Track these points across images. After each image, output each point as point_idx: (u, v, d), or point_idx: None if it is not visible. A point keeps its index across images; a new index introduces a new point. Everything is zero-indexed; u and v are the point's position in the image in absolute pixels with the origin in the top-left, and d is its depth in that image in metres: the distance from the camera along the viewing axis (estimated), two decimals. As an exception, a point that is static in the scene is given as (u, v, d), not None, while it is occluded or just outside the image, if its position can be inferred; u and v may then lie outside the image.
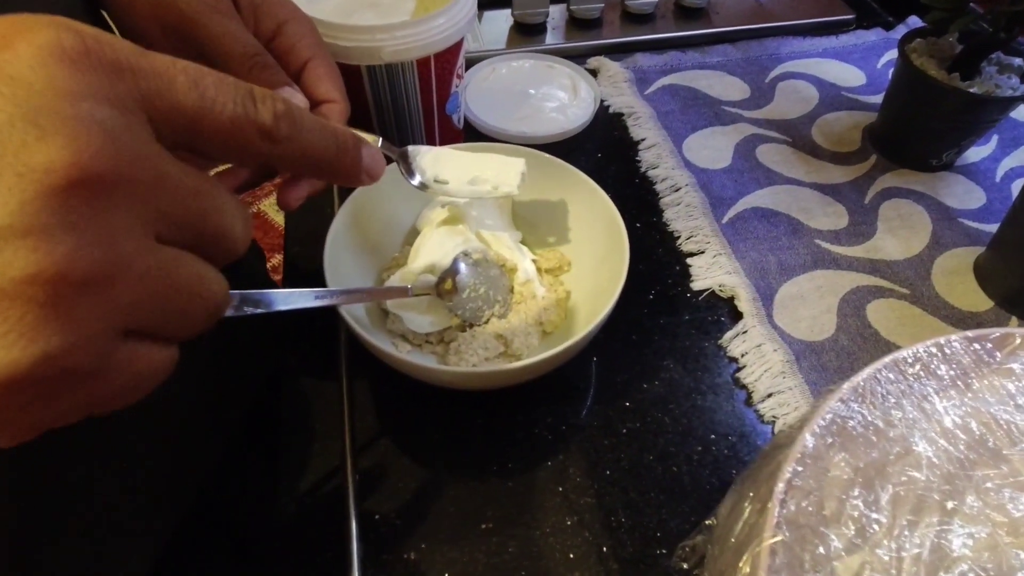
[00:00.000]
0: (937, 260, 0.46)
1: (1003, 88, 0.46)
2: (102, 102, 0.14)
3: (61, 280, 0.13)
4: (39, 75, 0.13)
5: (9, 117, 0.13)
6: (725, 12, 0.68)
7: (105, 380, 0.15)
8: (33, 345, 0.13)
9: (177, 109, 0.15)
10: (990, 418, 0.23)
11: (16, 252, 0.12)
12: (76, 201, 0.13)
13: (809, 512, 0.21)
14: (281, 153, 0.18)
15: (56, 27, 0.14)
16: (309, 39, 0.34)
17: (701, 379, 0.40)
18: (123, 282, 0.14)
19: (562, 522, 0.33)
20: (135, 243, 0.14)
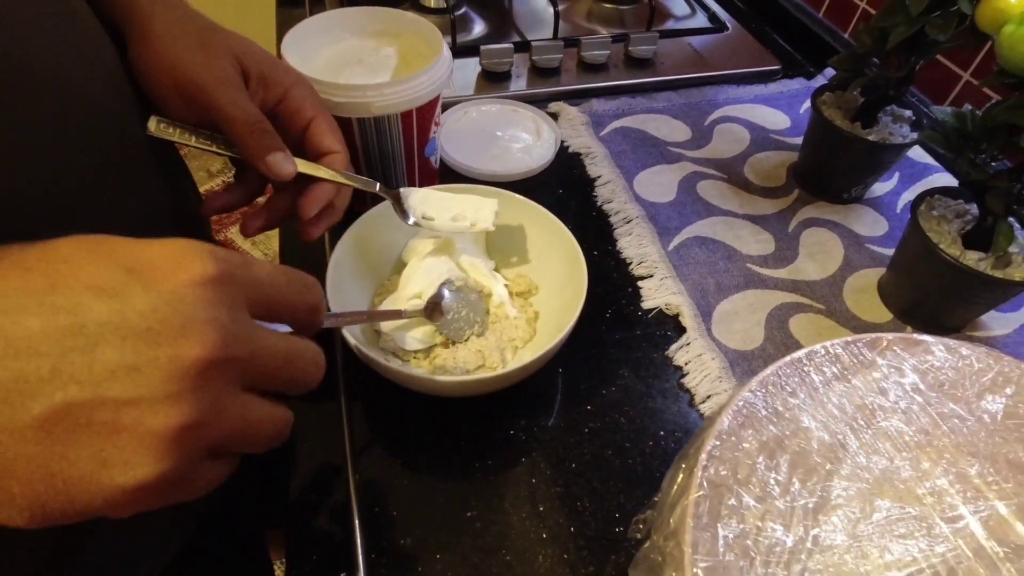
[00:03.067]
0: (848, 280, 0.54)
1: (895, 136, 0.55)
2: (224, 306, 0.21)
3: (181, 429, 0.19)
4: (192, 295, 0.20)
5: (174, 322, 0.20)
6: (669, 62, 0.76)
7: (191, 485, 0.21)
8: (156, 465, 0.19)
9: (264, 301, 0.23)
10: (861, 401, 0.30)
11: (157, 410, 0.19)
12: (198, 378, 0.20)
13: (725, 475, 0.27)
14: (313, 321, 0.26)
15: (203, 259, 0.21)
16: (311, 100, 0.40)
17: (652, 385, 0.46)
18: (217, 426, 0.21)
19: (535, 508, 0.39)
20: (229, 398, 0.21)
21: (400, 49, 0.53)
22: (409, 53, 0.53)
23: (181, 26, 0.36)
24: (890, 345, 0.32)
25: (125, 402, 0.19)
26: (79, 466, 0.18)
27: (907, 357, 0.32)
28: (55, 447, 0.18)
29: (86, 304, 0.19)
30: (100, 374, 0.18)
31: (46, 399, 0.18)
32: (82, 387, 0.18)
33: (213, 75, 0.35)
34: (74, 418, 0.18)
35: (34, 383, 0.18)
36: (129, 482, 0.19)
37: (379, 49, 0.53)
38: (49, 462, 0.18)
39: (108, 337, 0.19)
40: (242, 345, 0.21)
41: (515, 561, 0.37)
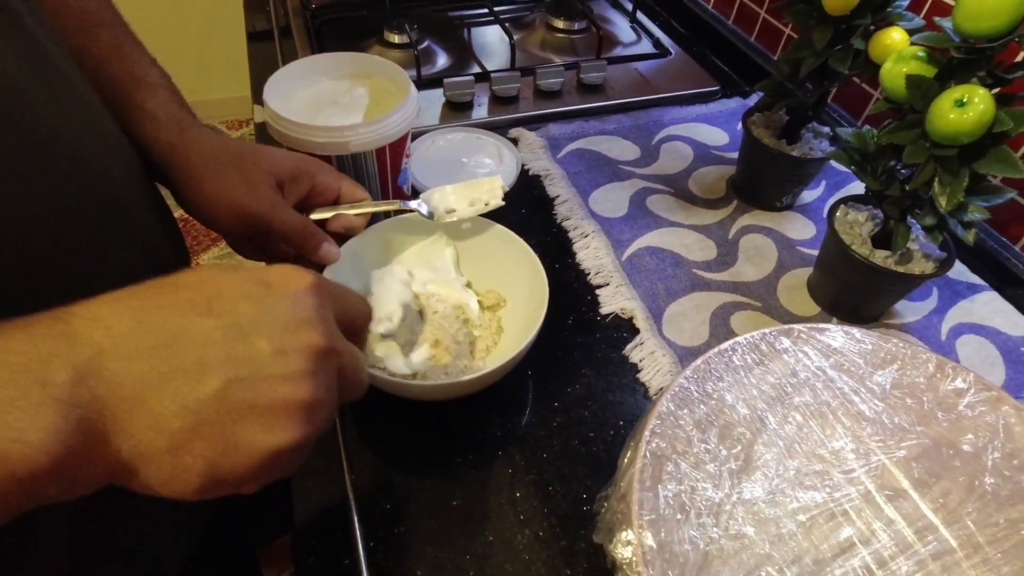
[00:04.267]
0: (781, 279, 0.61)
1: (816, 151, 0.62)
2: (326, 308, 0.27)
3: (313, 400, 0.25)
4: (309, 300, 0.26)
5: (302, 316, 0.26)
6: (618, 87, 0.83)
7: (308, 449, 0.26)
8: (298, 430, 0.25)
9: (342, 307, 0.29)
10: (776, 381, 0.36)
11: (300, 386, 0.25)
12: (321, 359, 0.26)
13: (664, 447, 0.33)
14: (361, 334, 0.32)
15: (309, 274, 0.27)
16: (332, 176, 0.48)
17: (611, 381, 0.52)
18: (329, 403, 0.27)
19: (513, 495, 0.45)
20: (336, 372, 0.27)
21: (371, 89, 0.59)
22: (380, 92, 0.59)
23: (218, 162, 0.43)
24: (799, 334, 0.38)
25: (279, 379, 0.24)
26: (247, 431, 0.23)
27: (813, 343, 0.38)
28: (229, 415, 0.23)
29: (240, 309, 0.25)
30: (258, 358, 0.24)
31: (221, 377, 0.23)
32: (247, 367, 0.24)
33: (263, 204, 0.43)
34: (243, 391, 0.23)
35: (211, 365, 0.23)
36: (282, 443, 0.24)
37: (352, 90, 0.59)
38: (224, 428, 0.23)
39: (260, 331, 0.24)
40: (340, 340, 0.27)
41: (497, 541, 0.42)
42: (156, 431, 0.22)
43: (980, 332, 0.56)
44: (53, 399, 0.20)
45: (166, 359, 0.23)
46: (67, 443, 0.20)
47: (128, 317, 0.23)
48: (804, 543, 0.31)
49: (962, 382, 0.37)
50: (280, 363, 0.24)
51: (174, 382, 0.22)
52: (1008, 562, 0.31)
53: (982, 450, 0.35)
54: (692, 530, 0.30)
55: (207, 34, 1.97)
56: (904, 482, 0.33)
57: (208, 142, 0.44)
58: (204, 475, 0.23)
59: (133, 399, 0.22)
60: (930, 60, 0.43)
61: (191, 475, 0.23)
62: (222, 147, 0.44)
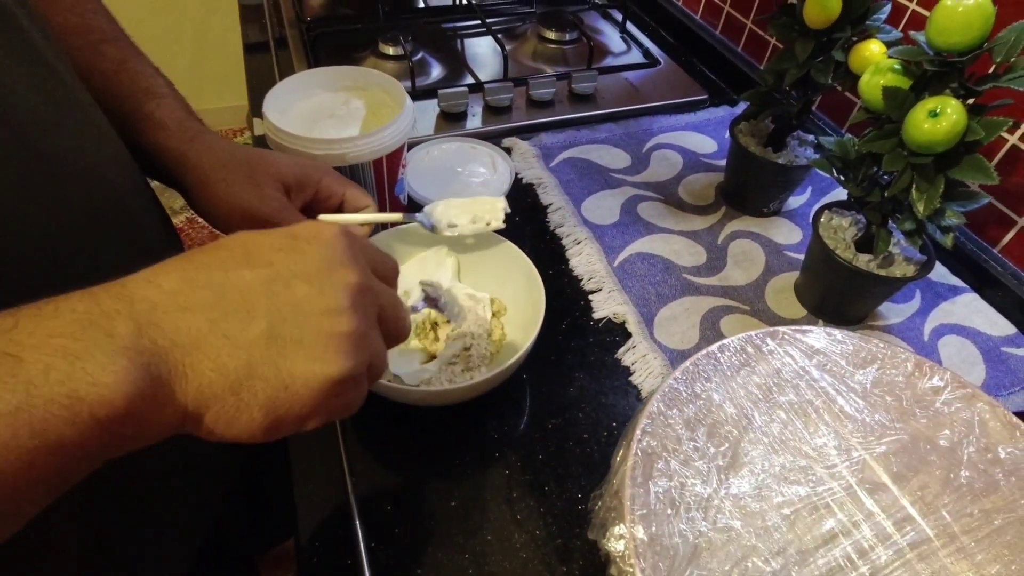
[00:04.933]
0: (769, 283, 0.62)
1: (801, 158, 0.64)
2: (358, 252, 0.29)
3: (357, 331, 0.27)
4: (340, 244, 0.28)
5: (334, 258, 0.27)
6: (608, 96, 0.85)
7: (357, 391, 0.28)
8: (348, 359, 0.26)
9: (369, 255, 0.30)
10: (761, 381, 0.38)
11: (342, 319, 0.26)
12: (359, 295, 0.27)
13: (655, 446, 0.34)
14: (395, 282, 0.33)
15: (337, 226, 0.29)
16: (337, 182, 0.49)
17: (604, 384, 0.53)
18: (374, 337, 0.29)
19: (510, 495, 0.46)
20: (374, 318, 0.29)
21: (367, 102, 0.60)
22: (376, 104, 0.60)
23: (228, 167, 0.44)
24: (784, 336, 0.40)
25: (320, 313, 0.26)
26: (299, 364, 0.25)
27: (797, 345, 0.40)
28: (281, 351, 0.25)
29: (276, 259, 0.26)
30: (298, 298, 0.26)
31: (266, 318, 0.25)
32: (289, 307, 0.26)
33: (271, 207, 0.44)
34: (288, 329, 0.25)
35: (256, 309, 0.25)
36: (334, 373, 0.26)
37: (348, 102, 0.60)
38: (277, 364, 0.25)
39: (298, 275, 0.26)
40: (375, 280, 0.29)
41: (495, 540, 0.43)
42: (215, 372, 0.24)
43: (961, 332, 0.58)
44: (121, 348, 0.22)
45: (214, 307, 0.24)
46: (138, 385, 0.22)
47: (176, 276, 0.25)
48: (789, 535, 0.32)
49: (939, 380, 0.39)
50: (319, 300, 0.26)
51: (224, 326, 0.24)
52: (982, 550, 0.32)
53: (958, 445, 0.36)
54: (682, 524, 0.32)
55: (201, 44, 1.99)
56: (884, 476, 0.35)
57: (218, 148, 0.46)
58: (265, 410, 0.25)
59: (190, 345, 0.24)
60: (906, 72, 0.45)
61: (254, 411, 0.25)
62: (231, 153, 0.46)
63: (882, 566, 0.32)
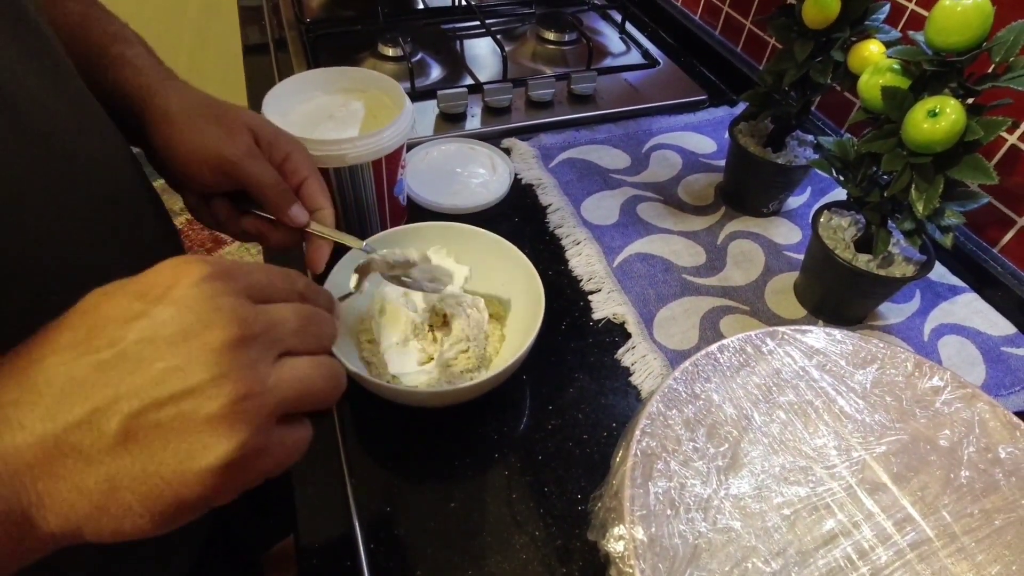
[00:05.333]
0: (768, 283, 0.62)
1: (800, 158, 0.64)
2: (228, 295, 0.24)
3: (235, 402, 0.23)
4: (199, 292, 0.23)
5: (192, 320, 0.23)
6: (608, 97, 0.85)
7: (271, 454, 0.24)
8: (231, 440, 0.22)
9: (259, 288, 0.26)
10: (761, 381, 0.38)
11: (210, 395, 0.22)
12: (232, 356, 0.23)
13: (655, 446, 0.34)
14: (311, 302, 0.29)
15: (197, 264, 0.24)
16: (307, 162, 0.46)
17: (604, 384, 0.53)
18: (268, 392, 0.24)
19: (509, 496, 0.46)
20: (267, 366, 0.24)
21: (367, 103, 0.60)
22: (375, 106, 0.60)
23: (196, 108, 0.42)
24: (783, 336, 0.40)
25: (180, 396, 0.22)
26: (168, 462, 0.22)
27: (797, 345, 0.40)
28: (142, 452, 0.22)
29: (119, 335, 0.22)
30: (151, 383, 0.22)
31: (116, 416, 0.21)
32: (141, 397, 0.22)
33: (239, 149, 0.41)
34: (144, 423, 0.22)
35: (104, 410, 0.22)
36: (215, 462, 0.22)
37: (348, 104, 0.60)
38: (144, 466, 0.22)
39: (146, 352, 0.22)
40: (257, 320, 0.24)
41: (494, 541, 0.43)
42: (74, 492, 0.21)
43: (961, 332, 0.58)
44: None
45: (57, 413, 0.21)
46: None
47: (14, 382, 0.22)
48: (789, 536, 0.32)
49: (939, 380, 0.39)
50: (178, 378, 0.22)
51: (72, 438, 0.21)
52: (982, 551, 0.32)
53: (958, 445, 0.36)
54: (682, 524, 0.32)
55: (200, 45, 1.99)
56: (884, 476, 0.35)
57: (188, 91, 0.43)
58: (150, 513, 0.22)
59: (38, 469, 0.21)
60: (905, 72, 0.45)
61: (136, 517, 0.22)
62: (202, 97, 0.43)
63: (882, 567, 0.32)
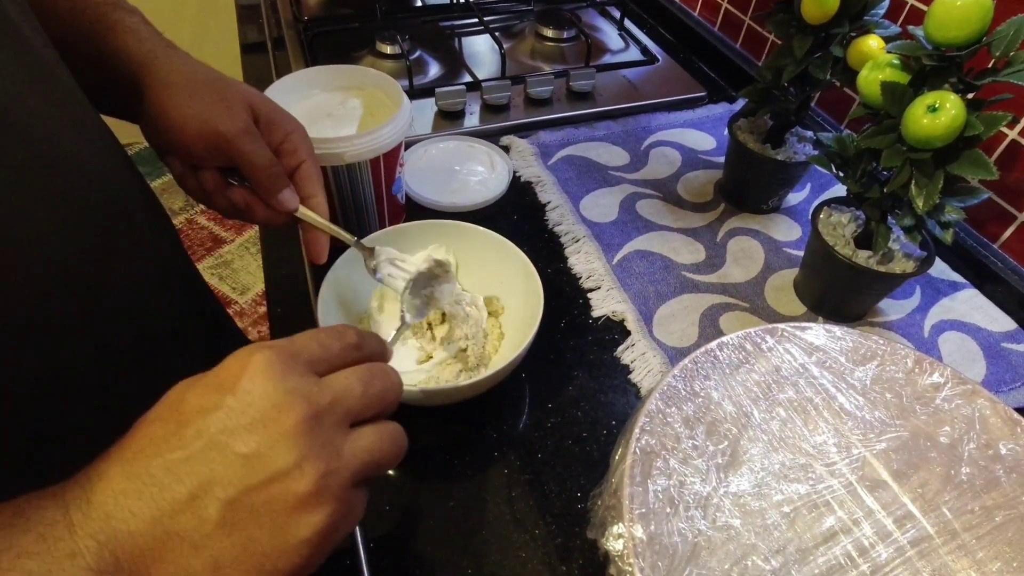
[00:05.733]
0: (768, 280, 0.62)
1: (799, 154, 0.64)
2: (293, 376, 0.26)
3: (318, 480, 0.25)
4: (268, 382, 0.25)
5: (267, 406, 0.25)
6: (607, 94, 0.85)
7: (352, 517, 0.27)
8: (319, 514, 0.25)
9: (319, 360, 0.28)
10: (760, 378, 0.37)
11: (294, 477, 0.24)
12: (307, 437, 0.25)
13: (654, 444, 0.34)
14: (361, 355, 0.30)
15: (262, 353, 0.26)
16: (305, 145, 0.45)
17: (603, 382, 0.53)
18: (344, 465, 0.26)
19: (509, 494, 0.46)
20: (341, 438, 0.26)
21: (365, 101, 0.60)
22: (373, 104, 0.60)
23: (198, 79, 0.41)
24: (783, 333, 0.40)
25: (267, 482, 0.24)
26: (265, 540, 0.24)
27: (797, 342, 0.39)
28: (241, 534, 0.24)
29: (204, 426, 0.24)
30: (239, 469, 0.24)
31: (214, 504, 0.24)
32: (233, 484, 0.24)
33: (236, 126, 0.41)
34: (240, 507, 0.24)
35: (203, 495, 0.24)
36: (306, 535, 0.24)
37: (346, 102, 0.60)
38: (244, 546, 0.24)
39: (229, 440, 0.24)
40: (322, 396, 0.26)
41: (493, 539, 0.43)
42: (185, 573, 0.23)
43: (961, 328, 0.58)
44: (84, 568, 0.22)
45: (161, 502, 0.23)
46: None
47: (120, 472, 0.24)
48: (788, 533, 0.32)
49: (939, 377, 0.39)
50: (263, 465, 0.24)
51: (177, 525, 0.23)
52: (983, 547, 0.32)
53: (958, 441, 0.36)
54: (681, 522, 0.32)
55: (198, 43, 1.98)
56: (884, 473, 0.34)
57: (190, 61, 0.43)
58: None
59: (149, 553, 0.23)
60: (904, 67, 0.45)
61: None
62: (205, 69, 0.43)
63: (883, 564, 0.31)
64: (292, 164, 0.45)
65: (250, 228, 1.92)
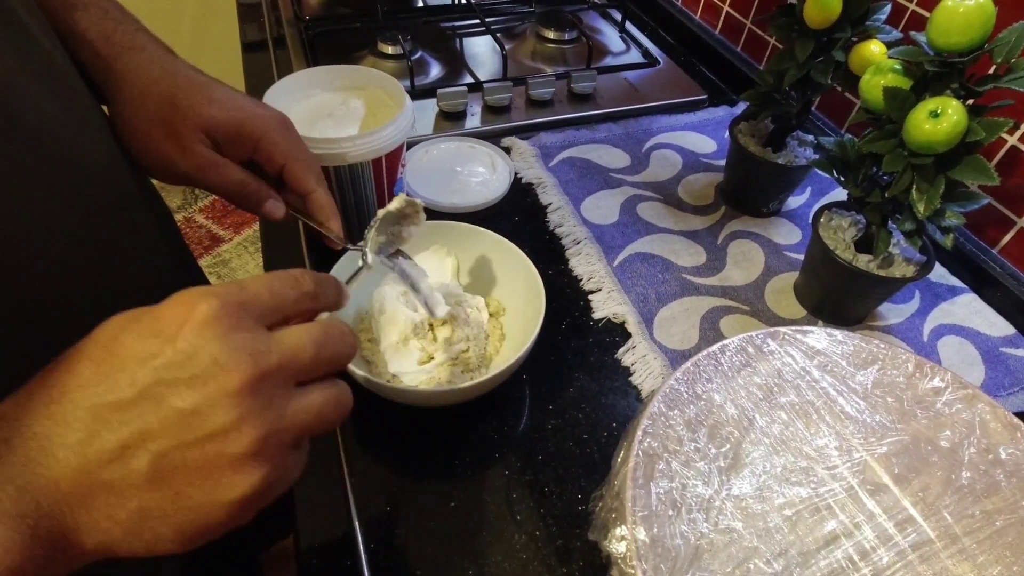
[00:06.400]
0: (768, 283, 0.62)
1: (800, 158, 0.64)
2: (238, 331, 0.24)
3: (256, 442, 0.23)
4: (210, 333, 0.23)
5: (208, 361, 0.23)
6: (608, 96, 0.85)
7: (287, 478, 0.26)
8: (253, 475, 0.24)
9: (271, 309, 0.26)
10: (762, 381, 0.37)
11: (232, 437, 0.23)
12: (249, 397, 0.23)
13: (656, 446, 0.34)
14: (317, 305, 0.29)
15: (205, 299, 0.24)
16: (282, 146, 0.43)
17: (604, 384, 0.53)
18: (285, 428, 0.25)
19: (509, 496, 0.46)
20: (284, 399, 0.25)
21: (367, 101, 0.60)
22: (375, 104, 0.60)
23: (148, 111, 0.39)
24: (785, 336, 0.40)
25: (203, 439, 0.23)
26: (195, 496, 0.23)
27: (798, 345, 0.39)
28: (170, 489, 0.23)
29: (139, 375, 0.23)
30: (174, 424, 0.23)
31: (145, 456, 0.22)
32: (167, 438, 0.23)
33: (193, 162, 0.40)
34: (171, 462, 0.23)
35: (132, 448, 0.22)
36: (239, 495, 0.23)
37: (347, 102, 0.60)
38: (172, 501, 0.23)
39: (166, 393, 0.23)
40: (270, 355, 0.24)
41: (494, 541, 0.43)
42: (108, 521, 0.23)
43: (960, 333, 0.58)
44: (3, 515, 0.21)
45: (89, 453, 0.22)
46: (23, 552, 0.21)
47: (43, 414, 0.23)
48: (790, 536, 0.32)
49: (940, 381, 0.39)
50: (199, 421, 0.23)
51: (105, 475, 0.22)
52: (983, 552, 0.32)
53: (959, 446, 0.36)
54: (683, 525, 0.32)
55: (199, 43, 1.98)
56: (885, 477, 0.35)
57: (140, 77, 0.39)
58: (177, 540, 0.23)
59: (74, 499, 0.22)
60: (906, 72, 0.45)
61: (164, 543, 0.23)
62: (153, 87, 0.39)
63: (884, 567, 0.32)
64: (274, 170, 0.44)
65: (248, 227, 1.92)
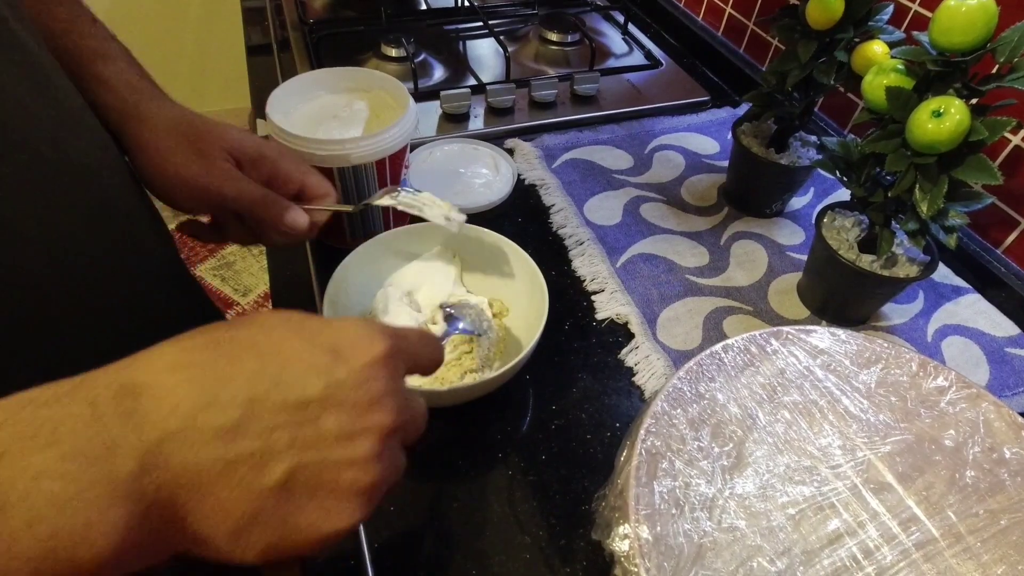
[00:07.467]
0: (772, 284, 0.62)
1: (803, 159, 0.64)
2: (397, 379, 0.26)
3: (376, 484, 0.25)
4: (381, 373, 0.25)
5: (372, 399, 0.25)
6: (611, 97, 0.85)
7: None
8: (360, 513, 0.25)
9: (413, 360, 0.29)
10: (765, 381, 0.38)
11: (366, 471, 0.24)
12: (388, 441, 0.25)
13: (659, 445, 0.34)
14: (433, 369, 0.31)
15: (383, 337, 0.26)
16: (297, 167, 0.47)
17: (607, 384, 0.53)
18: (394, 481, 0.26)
19: (512, 496, 0.46)
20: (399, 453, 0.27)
21: (370, 103, 0.60)
22: (379, 106, 0.60)
23: (173, 135, 0.41)
24: (788, 336, 0.40)
25: (345, 463, 0.24)
26: (308, 516, 0.23)
27: (801, 345, 0.39)
28: (291, 503, 0.23)
29: (308, 384, 0.23)
30: (325, 442, 0.23)
31: (285, 464, 0.23)
32: (312, 452, 0.23)
33: (217, 176, 0.42)
34: (305, 477, 0.23)
35: (275, 452, 0.22)
36: (339, 528, 0.24)
37: (351, 104, 0.60)
38: (286, 515, 0.23)
39: (329, 411, 0.23)
40: (407, 411, 0.27)
41: (498, 541, 0.43)
42: (221, 516, 0.22)
43: (964, 333, 0.58)
44: (121, 495, 0.20)
45: (231, 445, 0.22)
46: (131, 537, 0.21)
47: (195, 393, 0.22)
48: (794, 535, 0.32)
49: (943, 380, 0.39)
50: (347, 447, 0.24)
51: (239, 471, 0.22)
52: (987, 551, 0.32)
53: (963, 445, 0.36)
54: (686, 524, 0.32)
55: (203, 46, 1.99)
56: (888, 476, 0.35)
57: (164, 114, 0.42)
58: (262, 554, 0.23)
59: (199, 488, 0.22)
60: (908, 72, 0.45)
61: (250, 554, 0.23)
62: (177, 120, 0.42)
63: (888, 566, 0.31)
64: (294, 188, 0.46)
65: (253, 230, 1.92)
